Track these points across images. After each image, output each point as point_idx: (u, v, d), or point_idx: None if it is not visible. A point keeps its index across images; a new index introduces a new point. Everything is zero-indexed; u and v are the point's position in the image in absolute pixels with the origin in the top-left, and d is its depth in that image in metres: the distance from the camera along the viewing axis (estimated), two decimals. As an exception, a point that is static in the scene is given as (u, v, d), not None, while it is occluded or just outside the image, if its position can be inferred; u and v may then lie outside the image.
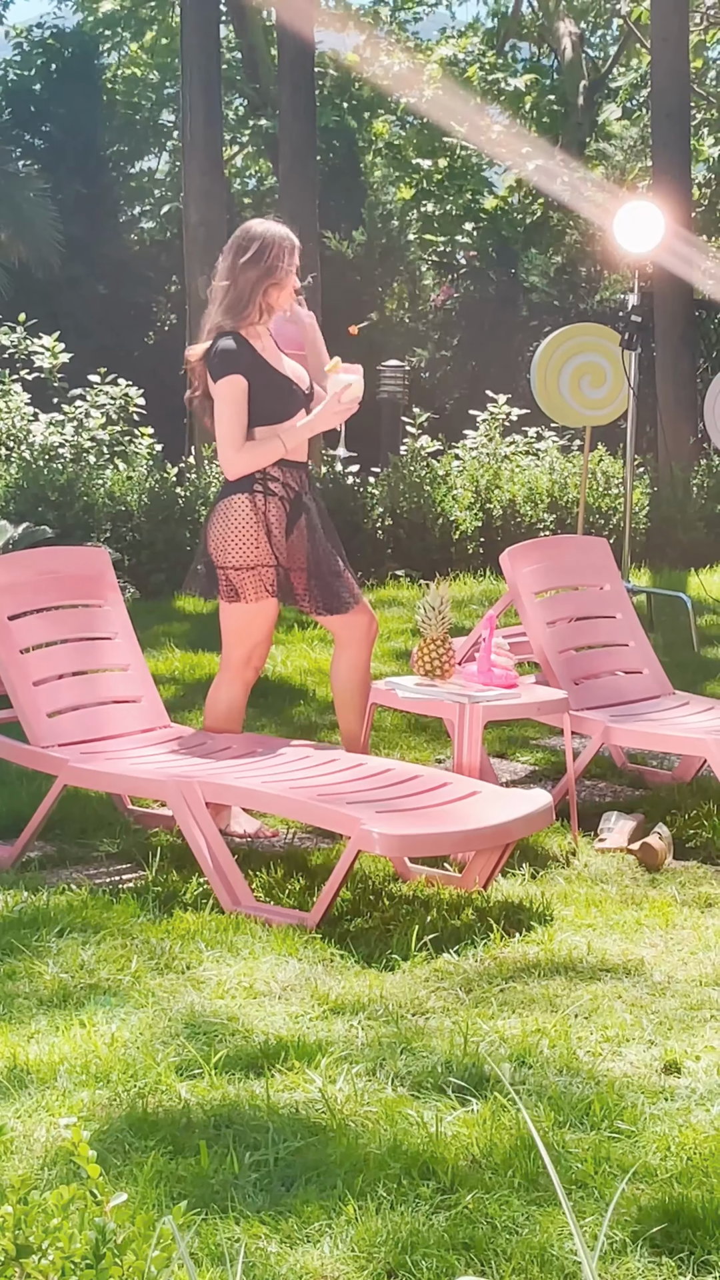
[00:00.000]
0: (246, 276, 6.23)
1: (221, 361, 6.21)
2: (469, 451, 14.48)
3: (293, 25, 16.53)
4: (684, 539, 14.30)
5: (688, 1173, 3.65)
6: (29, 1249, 2.46)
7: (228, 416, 6.21)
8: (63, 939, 5.07)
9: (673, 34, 16.58)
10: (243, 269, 6.24)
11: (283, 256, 6.25)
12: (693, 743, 6.42)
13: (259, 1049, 4.28)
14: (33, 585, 6.32)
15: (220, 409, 6.23)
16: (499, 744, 7.76)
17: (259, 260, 6.23)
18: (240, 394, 6.19)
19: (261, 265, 6.23)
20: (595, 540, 7.59)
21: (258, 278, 6.23)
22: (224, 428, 6.22)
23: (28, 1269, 2.45)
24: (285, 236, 6.29)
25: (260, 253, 6.23)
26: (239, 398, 6.19)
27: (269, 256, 6.23)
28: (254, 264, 6.23)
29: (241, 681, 6.44)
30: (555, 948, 5.11)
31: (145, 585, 12.16)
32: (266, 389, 6.23)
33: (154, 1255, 2.44)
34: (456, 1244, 3.37)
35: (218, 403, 6.23)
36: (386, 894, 5.61)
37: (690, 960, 5.06)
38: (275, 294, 6.27)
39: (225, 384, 6.20)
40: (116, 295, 23.98)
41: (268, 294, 6.25)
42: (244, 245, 6.27)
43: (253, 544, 6.22)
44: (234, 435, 6.21)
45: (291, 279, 6.29)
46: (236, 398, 6.19)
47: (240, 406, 6.20)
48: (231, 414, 6.21)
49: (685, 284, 16.65)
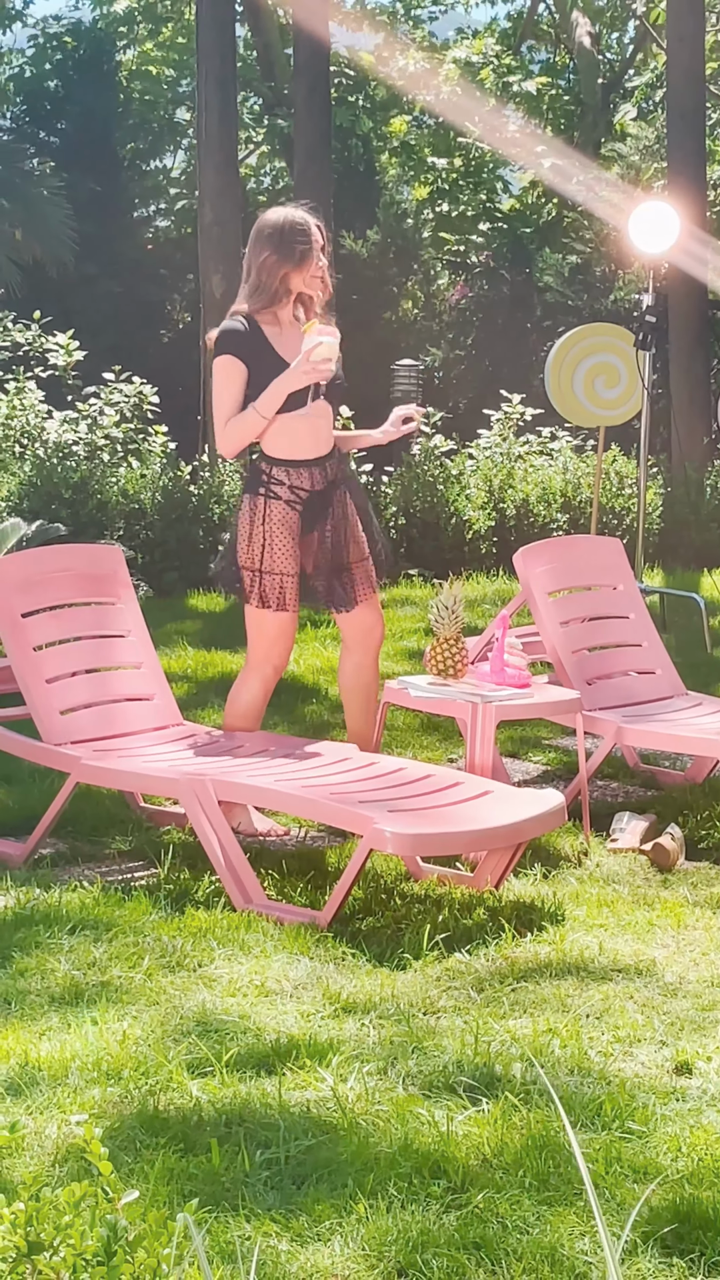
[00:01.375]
0: (262, 262, 6.25)
1: (221, 341, 6.26)
2: (483, 451, 14.48)
3: (308, 24, 16.54)
4: (697, 539, 14.29)
5: (699, 1173, 3.65)
6: (40, 1246, 2.47)
7: (217, 393, 6.27)
8: (74, 936, 5.07)
9: (689, 34, 16.57)
10: (260, 255, 6.26)
11: (297, 239, 6.24)
12: (705, 743, 6.42)
13: (270, 1047, 4.28)
14: (46, 583, 6.33)
15: (214, 386, 6.29)
16: (511, 744, 7.75)
17: (274, 244, 6.23)
18: (231, 373, 6.21)
19: (277, 249, 6.23)
20: (608, 540, 7.59)
21: (275, 262, 6.23)
22: (217, 406, 6.28)
23: (39, 1266, 2.45)
24: (301, 219, 6.28)
25: (274, 237, 6.24)
26: (230, 377, 6.22)
27: (284, 240, 6.23)
28: (270, 249, 6.23)
29: (260, 679, 6.43)
30: (567, 948, 5.11)
31: (158, 583, 12.17)
32: (272, 375, 6.22)
33: (165, 1253, 2.44)
34: (467, 1243, 3.37)
35: (213, 380, 6.29)
36: (398, 893, 5.61)
37: (702, 961, 5.06)
38: (294, 277, 6.26)
39: (218, 362, 6.25)
40: (131, 293, 23.99)
41: (287, 279, 6.25)
42: (260, 231, 6.28)
43: (260, 547, 6.23)
44: (221, 412, 6.26)
45: (311, 262, 6.26)
46: (227, 376, 6.22)
47: (230, 385, 6.22)
48: (220, 391, 6.25)
49: (700, 284, 16.63)
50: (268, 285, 6.24)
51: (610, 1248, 1.73)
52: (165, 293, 25.34)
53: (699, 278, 16.43)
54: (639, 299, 9.93)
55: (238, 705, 6.46)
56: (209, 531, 12.63)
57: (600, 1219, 1.80)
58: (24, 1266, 2.45)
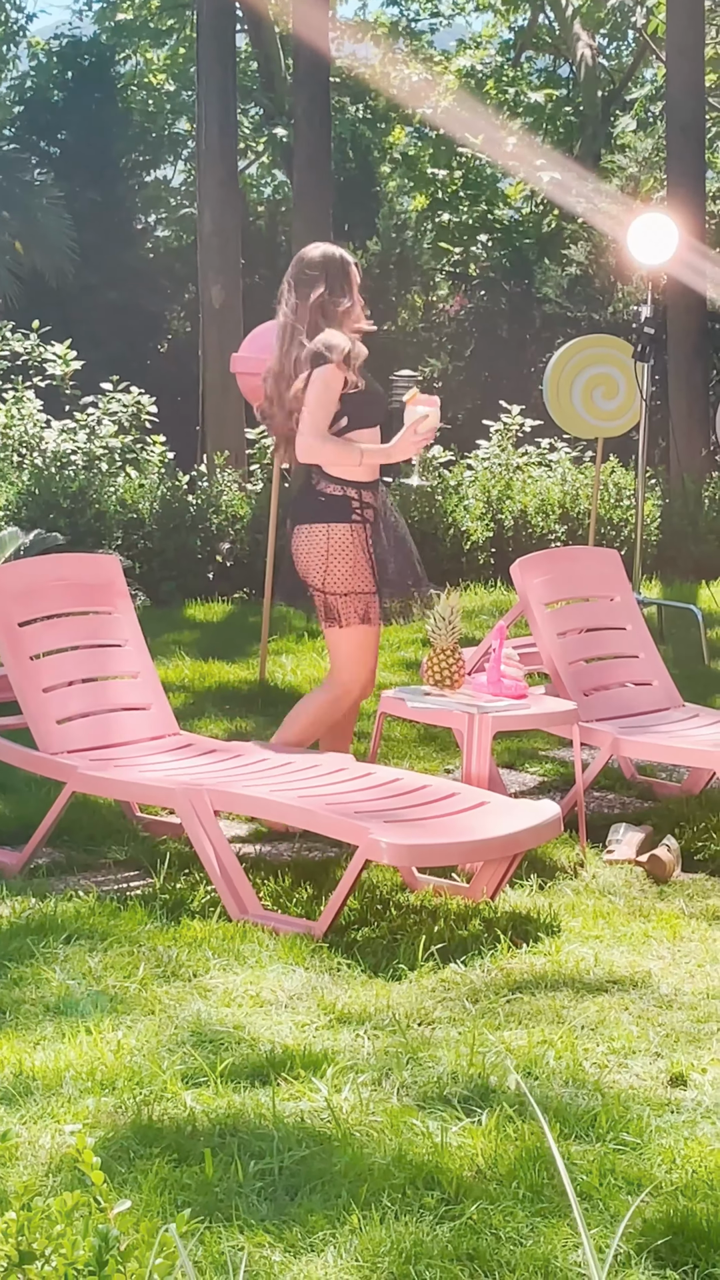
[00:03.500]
0: (316, 303, 6.38)
1: (323, 352, 6.30)
2: (481, 462, 14.49)
3: (308, 36, 16.56)
4: (695, 551, 14.30)
5: (693, 1185, 3.64)
6: (32, 1255, 2.46)
7: (315, 402, 6.30)
8: (70, 946, 5.07)
9: (689, 47, 16.61)
10: (313, 296, 6.38)
11: (344, 273, 6.42)
12: (702, 755, 6.41)
13: (265, 1058, 4.28)
14: (43, 592, 6.33)
15: (311, 395, 6.31)
16: (508, 755, 7.75)
17: (326, 282, 6.39)
18: (333, 383, 6.28)
19: (329, 287, 6.39)
20: (606, 552, 7.59)
21: (327, 301, 6.37)
22: (310, 412, 6.31)
23: (30, 1275, 2.44)
24: (342, 257, 6.47)
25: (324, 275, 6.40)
26: (331, 387, 6.29)
27: (333, 277, 6.40)
28: (323, 288, 6.38)
29: (352, 699, 6.51)
30: (562, 959, 5.11)
31: (156, 593, 12.18)
32: (360, 395, 6.35)
33: (156, 1263, 2.43)
34: (460, 1255, 3.36)
35: (310, 389, 6.31)
36: (394, 904, 5.61)
37: (697, 973, 5.05)
38: (346, 316, 6.41)
39: (321, 371, 6.28)
40: (130, 303, 24.01)
41: (344, 317, 6.39)
42: (306, 272, 6.41)
43: (355, 571, 6.34)
44: (318, 420, 6.30)
45: (356, 295, 6.44)
46: (328, 386, 6.28)
47: (329, 396, 6.29)
48: (319, 399, 6.30)
49: (698, 296, 16.65)
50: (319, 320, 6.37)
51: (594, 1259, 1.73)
52: (165, 303, 25.35)
53: (698, 289, 16.45)
54: (638, 310, 9.93)
55: (304, 715, 6.54)
56: (207, 541, 12.64)
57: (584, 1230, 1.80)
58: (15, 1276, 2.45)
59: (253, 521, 12.75)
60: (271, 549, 9.06)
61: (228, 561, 12.67)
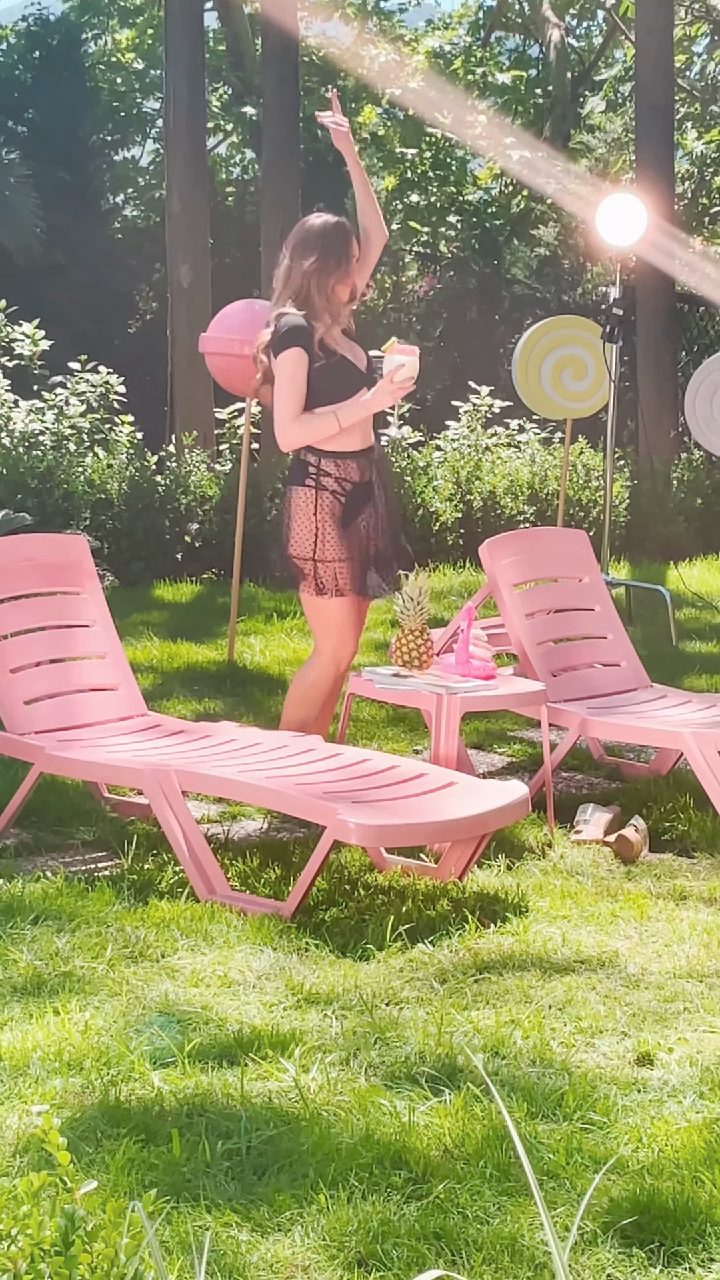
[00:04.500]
0: (308, 271, 6.34)
1: (288, 335, 6.30)
2: (450, 443, 14.48)
3: (277, 15, 16.50)
4: (663, 532, 14.32)
5: (659, 1164, 3.66)
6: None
7: (284, 387, 6.30)
8: (37, 927, 5.06)
9: (657, 28, 16.59)
10: (304, 261, 6.36)
11: (340, 245, 6.38)
12: (669, 736, 6.43)
13: (233, 1038, 4.28)
14: (11, 572, 6.31)
15: (278, 380, 6.31)
16: (476, 735, 7.76)
17: (319, 250, 6.35)
18: (299, 366, 6.27)
19: (322, 258, 6.35)
20: (575, 533, 7.60)
21: (318, 268, 6.35)
22: (281, 398, 6.30)
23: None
24: (343, 227, 6.43)
25: (318, 242, 6.37)
26: (295, 369, 6.27)
27: (328, 246, 6.37)
28: (315, 254, 6.34)
29: (327, 667, 6.50)
30: (530, 939, 5.12)
31: (124, 573, 12.15)
32: (326, 369, 6.32)
33: (123, 1243, 2.44)
34: (427, 1234, 3.37)
35: (276, 374, 6.32)
36: (362, 884, 5.61)
37: (664, 953, 5.07)
38: (339, 287, 6.40)
39: (285, 356, 6.28)
40: (98, 283, 23.91)
41: (334, 290, 6.37)
42: (305, 238, 6.38)
43: (312, 537, 6.31)
44: (290, 406, 6.29)
45: (351, 268, 6.41)
46: (295, 370, 6.27)
47: (298, 378, 6.28)
48: (286, 384, 6.29)
49: (667, 278, 16.65)
50: (311, 290, 6.35)
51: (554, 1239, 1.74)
52: (133, 282, 25.26)
53: (667, 271, 16.45)
54: (607, 291, 9.94)
55: (300, 686, 6.55)
56: (175, 521, 12.61)
57: (543, 1209, 1.80)
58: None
59: (221, 502, 12.73)
60: (240, 529, 9.05)
61: (196, 542, 12.65)
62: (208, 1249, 3.27)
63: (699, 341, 18.93)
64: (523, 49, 28.93)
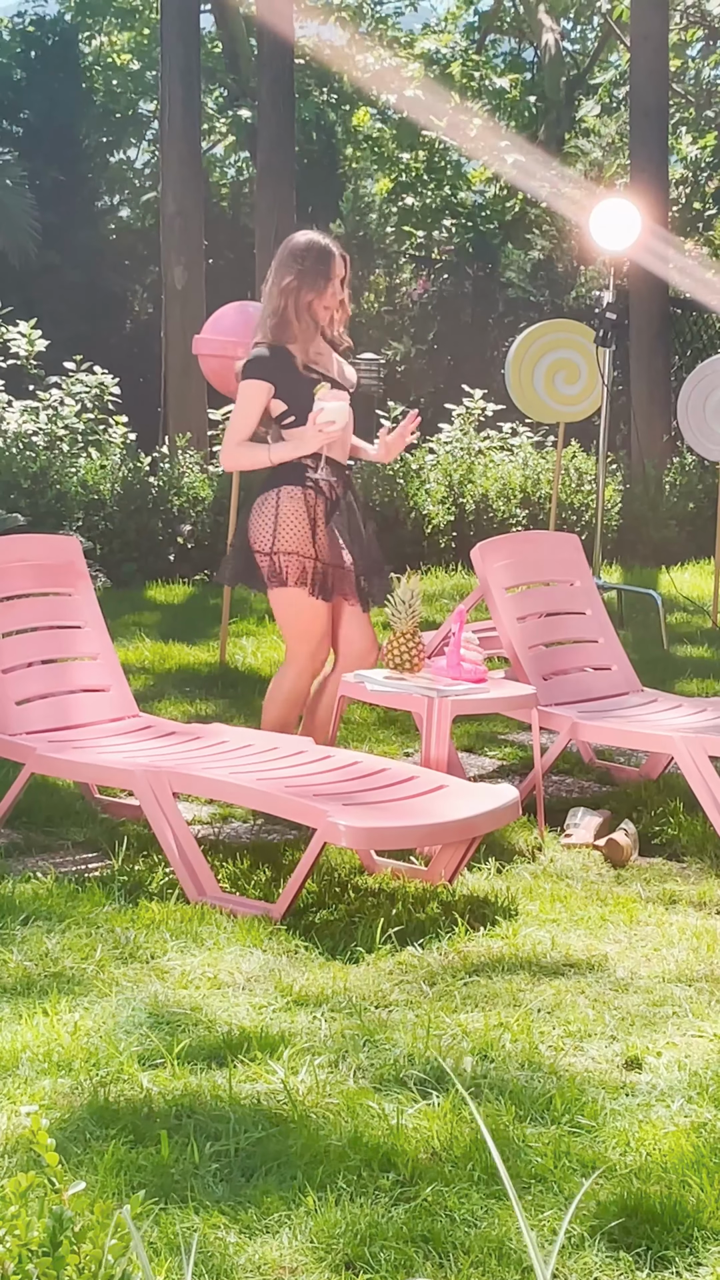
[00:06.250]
0: (285, 286, 6.40)
1: (247, 366, 6.42)
2: (443, 446, 14.49)
3: (272, 17, 16.51)
4: (655, 536, 14.34)
5: (647, 1168, 3.66)
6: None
7: (237, 413, 6.45)
8: (27, 927, 5.06)
9: (653, 32, 16.61)
10: (283, 279, 6.41)
11: (320, 264, 6.41)
12: (660, 740, 6.43)
13: (222, 1039, 4.28)
14: (3, 572, 6.32)
15: (236, 404, 6.47)
16: (467, 739, 7.77)
17: (298, 269, 6.40)
18: (251, 397, 6.38)
19: (299, 274, 6.40)
20: (567, 536, 7.60)
21: (295, 287, 6.39)
22: (232, 422, 6.48)
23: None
24: (324, 245, 6.46)
25: (299, 260, 6.42)
26: (252, 400, 6.39)
27: (307, 264, 6.41)
28: (293, 274, 6.40)
29: (310, 672, 6.53)
30: (519, 942, 5.12)
31: (116, 574, 12.15)
32: (306, 385, 6.37)
33: (111, 1244, 2.44)
34: (415, 1236, 3.37)
35: (237, 398, 6.46)
36: (352, 886, 5.61)
37: (653, 957, 5.08)
38: (316, 303, 6.43)
39: (244, 385, 6.41)
40: (93, 284, 23.91)
41: (311, 308, 6.41)
42: (285, 255, 6.45)
43: (298, 532, 6.34)
44: (237, 430, 6.45)
45: (330, 289, 6.44)
46: (250, 399, 6.40)
47: (250, 407, 6.40)
48: (240, 411, 6.43)
49: (661, 282, 16.68)
50: (288, 309, 6.39)
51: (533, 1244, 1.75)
52: (128, 283, 25.25)
53: (660, 275, 16.48)
54: (600, 296, 9.94)
55: (279, 694, 6.58)
56: (168, 523, 12.62)
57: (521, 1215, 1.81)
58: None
59: (214, 503, 12.73)
60: (233, 531, 9.05)
61: (189, 543, 12.65)
62: (195, 1250, 3.27)
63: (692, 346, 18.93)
64: (518, 52, 28.95)
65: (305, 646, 6.48)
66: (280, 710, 6.54)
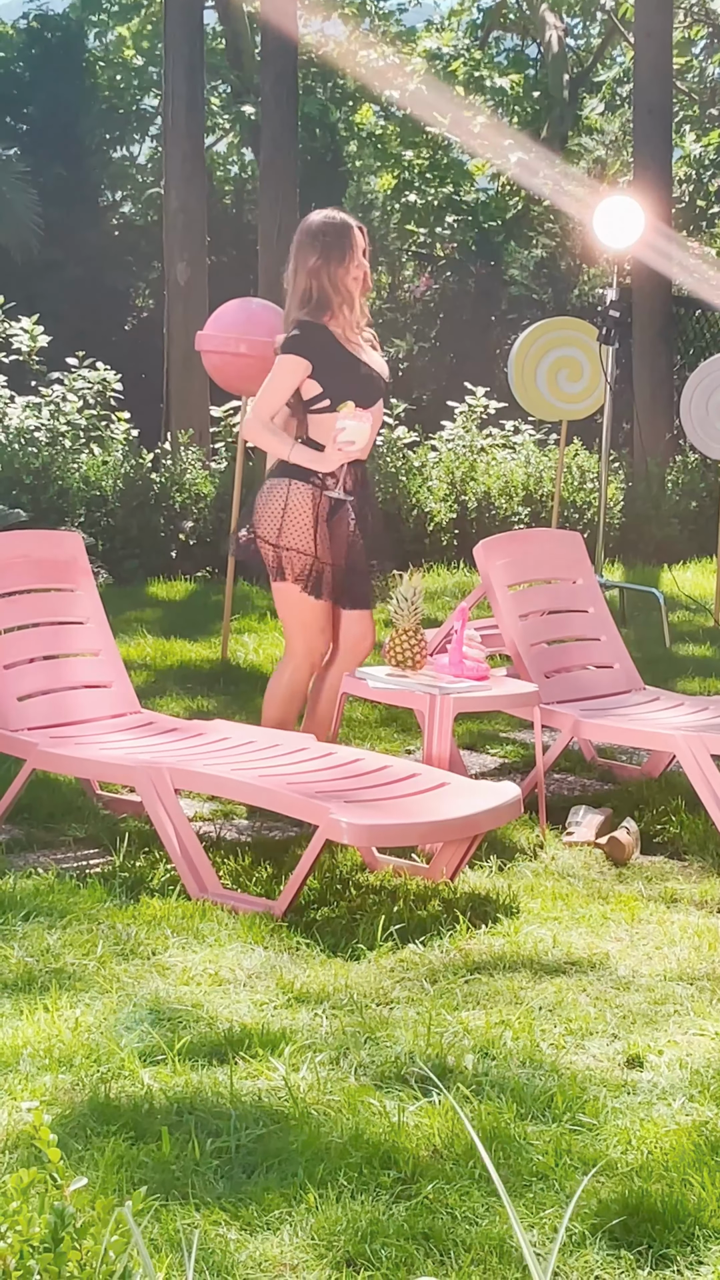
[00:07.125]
0: (311, 267, 6.37)
1: (287, 341, 6.38)
2: (445, 443, 14.49)
3: (275, 13, 16.50)
4: (658, 535, 14.33)
5: (648, 1166, 3.66)
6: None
7: (270, 385, 6.39)
8: (28, 923, 5.06)
9: (657, 30, 16.60)
10: (308, 260, 6.38)
11: (340, 238, 6.38)
12: (662, 738, 6.43)
13: (223, 1036, 4.28)
14: (5, 568, 6.31)
15: (269, 376, 6.41)
16: (469, 736, 7.76)
17: (320, 247, 6.37)
18: (291, 371, 6.34)
19: (323, 252, 6.36)
20: (569, 534, 7.60)
21: (321, 265, 6.37)
22: (262, 395, 6.40)
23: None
24: (341, 219, 6.45)
25: (319, 239, 6.38)
26: (287, 374, 6.35)
27: (328, 241, 6.37)
28: (316, 253, 6.37)
29: (307, 666, 6.53)
30: (521, 940, 5.12)
31: (118, 570, 12.15)
32: (343, 370, 6.36)
33: (111, 1240, 2.44)
34: (416, 1234, 3.37)
35: (272, 370, 6.40)
36: (353, 884, 5.61)
37: (655, 955, 5.07)
38: (348, 280, 6.40)
39: (281, 359, 6.36)
40: (96, 280, 23.90)
41: (344, 283, 6.39)
42: (304, 237, 6.42)
43: (303, 529, 6.35)
44: (267, 405, 6.39)
45: (355, 258, 6.40)
46: (285, 374, 6.35)
47: (283, 383, 6.36)
48: (272, 385, 6.38)
49: (664, 280, 16.66)
50: (321, 287, 6.38)
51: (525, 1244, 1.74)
52: (130, 280, 25.24)
53: (663, 273, 16.46)
54: (603, 293, 9.94)
55: (278, 691, 6.57)
56: (170, 519, 12.61)
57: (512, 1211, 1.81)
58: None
59: (216, 500, 12.73)
60: (235, 527, 9.05)
61: (191, 540, 12.65)
62: (196, 1247, 3.27)
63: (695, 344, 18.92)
64: (521, 49, 28.93)
65: (302, 639, 6.48)
66: (280, 707, 6.54)
